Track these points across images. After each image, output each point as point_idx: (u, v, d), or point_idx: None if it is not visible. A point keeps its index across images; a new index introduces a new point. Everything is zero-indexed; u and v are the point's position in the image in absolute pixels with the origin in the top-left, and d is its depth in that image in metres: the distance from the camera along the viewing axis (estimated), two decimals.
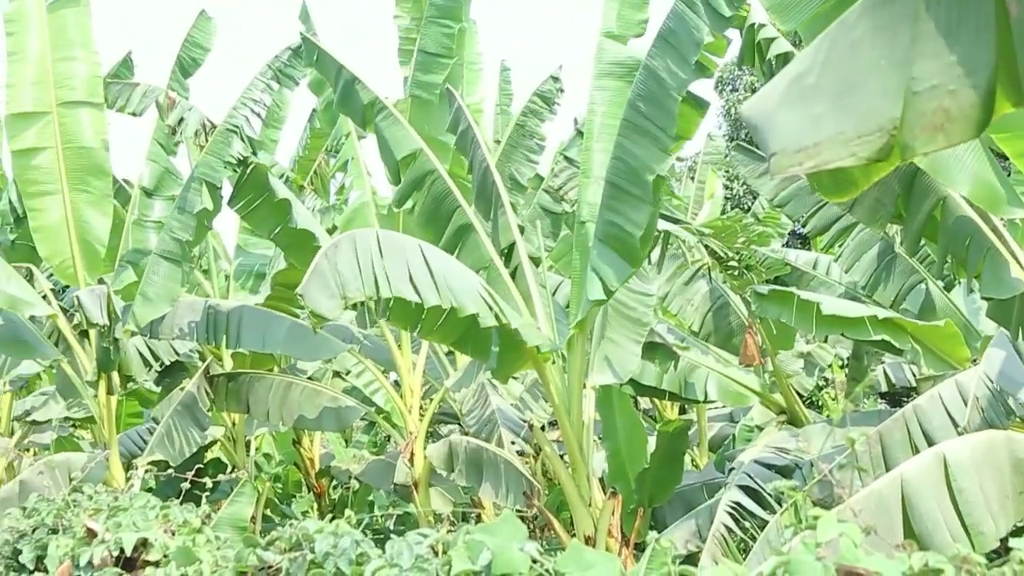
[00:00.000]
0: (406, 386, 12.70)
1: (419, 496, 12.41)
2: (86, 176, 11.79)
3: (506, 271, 9.76)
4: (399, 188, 10.19)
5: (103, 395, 11.76)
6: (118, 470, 11.78)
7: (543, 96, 12.76)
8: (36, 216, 11.77)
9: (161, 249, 11.28)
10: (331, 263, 8.02)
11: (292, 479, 17.65)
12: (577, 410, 9.37)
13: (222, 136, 11.25)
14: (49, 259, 11.92)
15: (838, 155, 3.05)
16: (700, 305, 12.32)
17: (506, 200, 9.96)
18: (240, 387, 12.61)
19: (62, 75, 11.66)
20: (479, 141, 10.19)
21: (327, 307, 7.88)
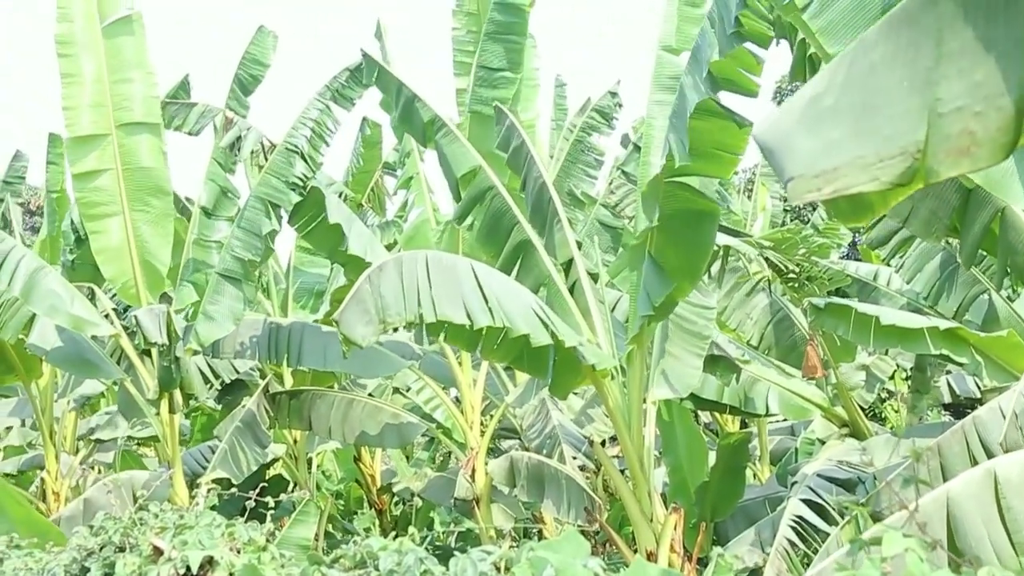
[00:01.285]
0: (467, 402, 12.71)
1: (481, 512, 12.41)
2: (146, 196, 11.87)
3: (565, 287, 9.74)
4: (459, 205, 10.21)
5: (165, 413, 11.84)
6: (182, 488, 11.85)
7: (601, 111, 12.77)
8: (98, 237, 11.86)
9: (223, 268, 11.37)
10: (374, 287, 8.04)
11: (354, 496, 17.71)
12: (637, 425, 9.35)
13: (283, 156, 11.33)
14: (112, 279, 12.02)
15: (858, 180, 2.98)
16: (760, 318, 12.26)
17: (563, 216, 9.95)
18: (302, 404, 12.67)
19: (120, 97, 11.74)
20: (534, 157, 10.18)
21: (361, 333, 7.92)
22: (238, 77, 12.70)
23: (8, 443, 17.62)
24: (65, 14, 11.62)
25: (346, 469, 17.30)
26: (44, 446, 14.37)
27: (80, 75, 11.67)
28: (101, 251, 11.87)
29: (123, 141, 11.74)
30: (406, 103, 10.61)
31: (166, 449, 12.10)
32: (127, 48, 11.71)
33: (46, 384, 14.15)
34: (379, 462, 16.50)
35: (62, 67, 11.64)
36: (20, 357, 13.22)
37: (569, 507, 11.06)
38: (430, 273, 8.22)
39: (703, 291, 10.02)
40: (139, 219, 11.81)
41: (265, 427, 12.61)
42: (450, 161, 10.31)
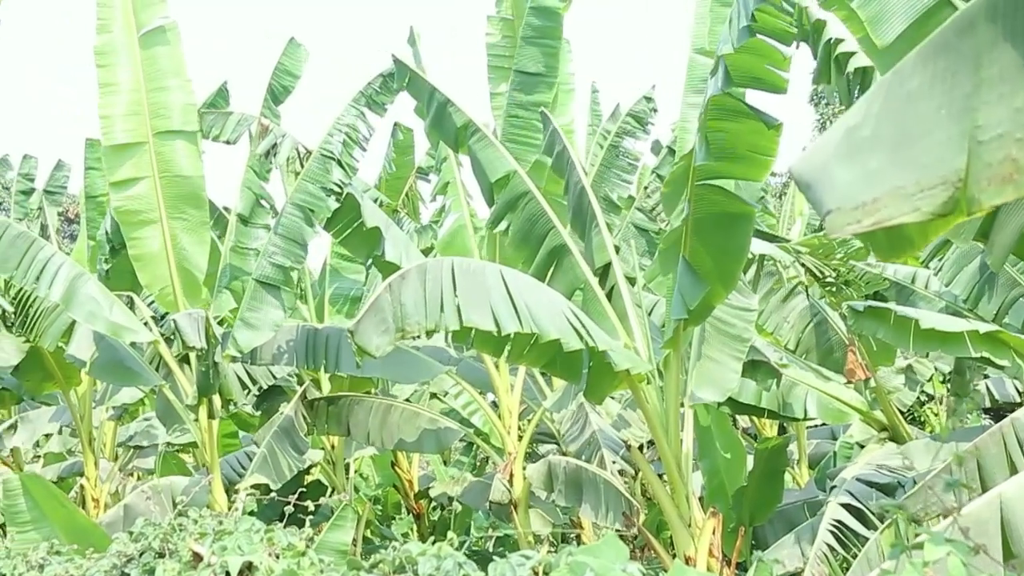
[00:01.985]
0: (504, 407, 12.70)
1: (518, 517, 12.40)
2: (183, 204, 11.92)
3: (602, 291, 9.72)
4: (493, 210, 10.20)
5: (204, 419, 11.88)
6: (220, 494, 11.89)
7: (636, 116, 12.77)
8: (136, 245, 11.92)
9: (261, 275, 11.41)
10: (394, 296, 8.03)
11: (391, 501, 17.73)
12: (675, 430, 9.32)
13: (319, 163, 11.36)
14: (150, 287, 12.07)
15: (899, 211, 2.92)
16: (797, 322, 12.21)
17: (601, 220, 9.93)
18: (340, 410, 12.69)
19: (157, 105, 11.78)
20: (575, 162, 10.18)
21: (376, 343, 7.91)
22: (271, 87, 12.77)
23: (48, 450, 17.74)
24: (104, 25, 11.69)
25: (383, 474, 17.32)
26: (83, 453, 14.46)
27: (117, 84, 11.72)
28: (139, 258, 11.93)
29: (160, 149, 11.79)
30: (438, 108, 10.61)
31: (204, 455, 12.15)
32: (164, 57, 11.76)
33: (85, 391, 14.24)
34: (416, 467, 16.52)
35: (100, 77, 11.70)
36: (59, 365, 13.32)
37: (607, 511, 11.04)
38: (456, 280, 8.20)
39: (744, 293, 9.96)
40: (176, 227, 11.86)
41: (303, 433, 12.63)
42: (484, 166, 10.30)
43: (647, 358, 9.34)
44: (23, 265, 11.35)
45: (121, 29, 11.71)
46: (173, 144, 11.80)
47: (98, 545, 8.62)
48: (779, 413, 11.75)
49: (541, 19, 11.34)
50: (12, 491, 9.77)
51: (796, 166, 3.37)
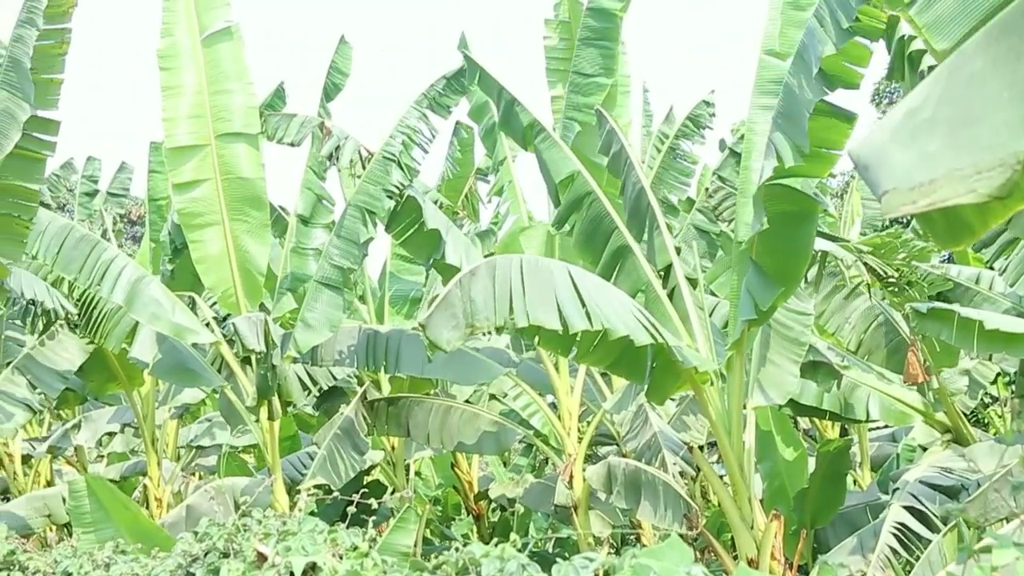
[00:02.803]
0: (564, 408, 12.70)
1: (579, 518, 12.40)
2: (244, 206, 11.98)
3: (664, 292, 9.72)
4: (558, 210, 10.21)
5: (265, 421, 11.95)
6: (282, 494, 11.95)
7: (695, 119, 12.76)
8: (198, 247, 12.00)
9: (321, 276, 11.46)
10: (464, 291, 8.06)
11: (451, 502, 17.77)
12: (737, 431, 9.31)
13: (380, 165, 11.40)
14: (212, 288, 12.15)
15: (955, 192, 2.88)
16: (858, 323, 12.13)
17: (662, 221, 9.93)
18: (400, 411, 12.73)
19: (219, 108, 11.85)
20: (633, 163, 10.18)
21: (447, 338, 7.94)
22: (324, 86, 12.86)
23: (111, 450, 17.90)
24: (168, 29, 11.77)
25: (443, 475, 17.37)
26: (146, 453, 14.59)
27: (180, 87, 11.80)
28: (201, 260, 12.00)
29: (222, 151, 11.86)
30: (507, 106, 10.66)
31: (266, 456, 12.22)
32: (226, 60, 11.82)
33: (148, 392, 14.36)
34: (476, 468, 16.54)
35: (163, 80, 11.78)
36: (123, 366, 13.44)
37: (666, 513, 11.02)
38: (524, 277, 8.21)
39: (800, 296, 9.94)
40: (238, 228, 11.93)
41: (363, 434, 12.69)
42: (548, 166, 10.32)
43: (710, 359, 9.33)
44: (87, 267, 11.48)
45: (184, 32, 11.79)
46: (235, 146, 11.87)
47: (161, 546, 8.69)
48: (841, 415, 11.70)
49: (598, 21, 11.36)
50: (78, 492, 9.86)
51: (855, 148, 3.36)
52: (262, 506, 8.87)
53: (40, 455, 16.21)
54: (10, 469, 15.86)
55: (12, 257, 11.50)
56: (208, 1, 11.81)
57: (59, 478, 17.74)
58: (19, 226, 11.18)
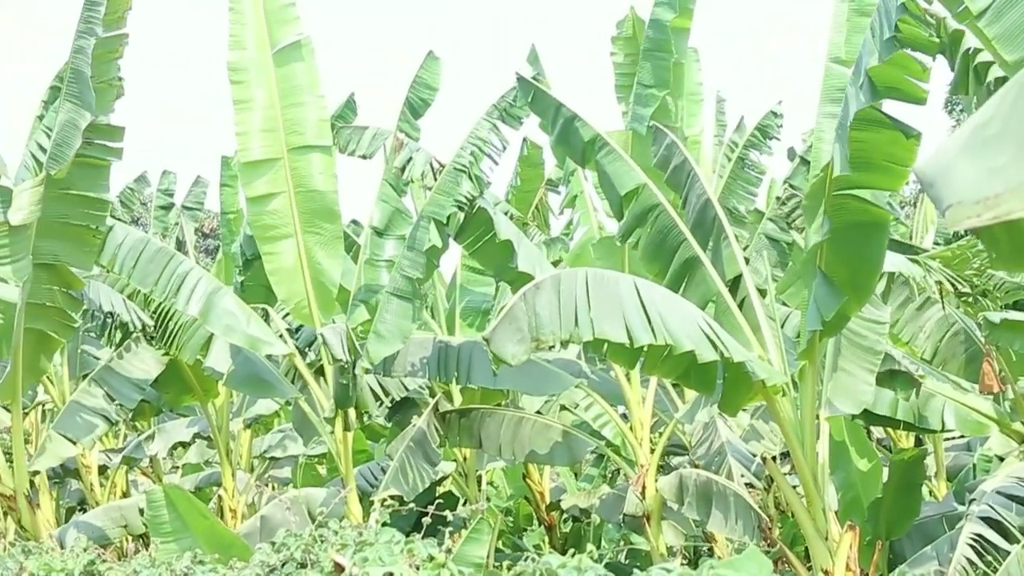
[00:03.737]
0: (635, 419, 12.68)
1: (651, 529, 12.38)
2: (317, 219, 12.06)
3: (734, 303, 9.70)
4: (623, 223, 10.22)
5: (340, 431, 12.03)
6: (355, 505, 12.02)
7: (763, 129, 12.74)
8: (272, 259, 12.09)
9: (393, 287, 11.52)
10: (529, 305, 8.09)
11: (523, 512, 17.77)
12: (811, 442, 9.29)
13: (451, 176, 11.45)
14: (285, 300, 12.23)
15: (1021, 206, 2.87)
16: (933, 332, 12.04)
17: (730, 232, 9.92)
18: (472, 422, 12.74)
19: (291, 121, 11.92)
20: (697, 174, 10.17)
21: (512, 352, 7.97)
22: (408, 100, 12.90)
23: (186, 460, 18.07)
24: (237, 42, 11.84)
25: (515, 486, 17.37)
26: (221, 464, 14.71)
27: (252, 101, 11.88)
28: (274, 272, 12.09)
29: (294, 164, 11.94)
30: (564, 124, 10.64)
31: (340, 466, 12.29)
32: (298, 73, 11.90)
33: (222, 403, 14.49)
34: (548, 479, 16.54)
35: (234, 94, 11.86)
36: (197, 377, 13.57)
37: (737, 524, 10.97)
38: (589, 290, 8.23)
39: (875, 305, 9.87)
40: (311, 241, 12.01)
41: (435, 445, 12.71)
42: (612, 180, 10.32)
43: (781, 370, 9.30)
44: (162, 280, 11.61)
45: (255, 46, 11.87)
46: (307, 159, 11.94)
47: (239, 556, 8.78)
48: (915, 425, 11.62)
49: (656, 33, 11.43)
50: (156, 502, 9.96)
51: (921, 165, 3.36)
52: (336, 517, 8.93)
53: (116, 466, 16.38)
54: (87, 480, 16.03)
55: (85, 267, 11.68)
56: (279, 15, 11.88)
57: (135, 489, 17.92)
58: (90, 235, 11.35)
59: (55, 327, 11.74)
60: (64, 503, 17.75)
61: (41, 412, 17.14)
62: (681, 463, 13.55)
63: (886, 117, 7.73)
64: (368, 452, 16.52)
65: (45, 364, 12.37)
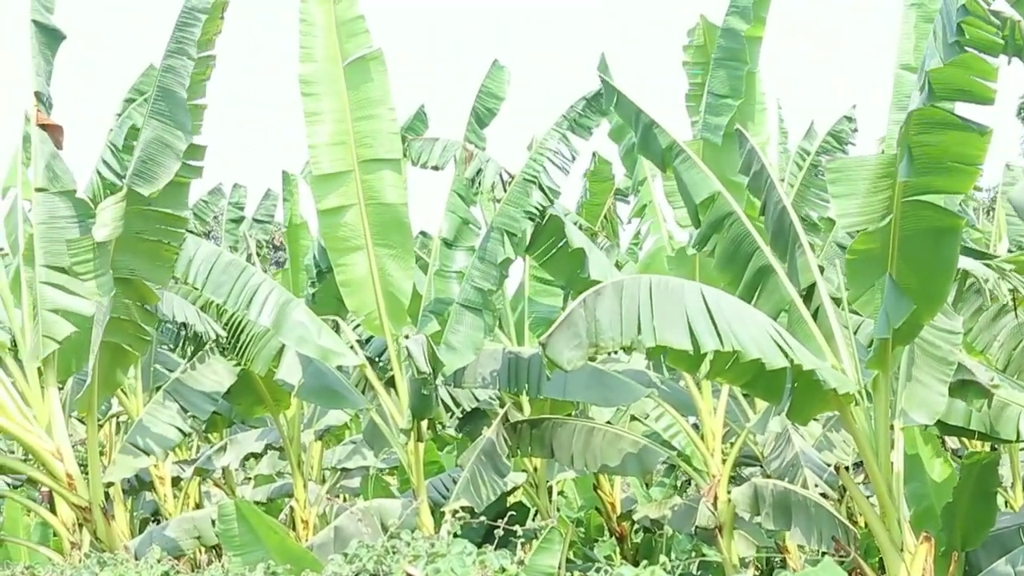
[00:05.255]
0: (707, 429, 12.63)
1: (723, 540, 12.33)
2: (388, 231, 12.09)
3: (807, 312, 9.64)
4: (698, 231, 10.21)
5: (411, 443, 12.06)
6: (426, 516, 12.04)
7: (836, 135, 12.68)
8: (343, 271, 12.15)
9: (463, 299, 11.55)
10: (589, 311, 8.08)
11: (594, 523, 17.73)
12: (885, 452, 9.22)
13: (520, 187, 11.48)
14: (357, 311, 12.28)
15: None
16: (1007, 341, 11.92)
17: (804, 240, 9.87)
18: (543, 432, 12.73)
19: (362, 134, 11.95)
20: (774, 181, 10.14)
21: (568, 357, 7.96)
22: (475, 110, 12.95)
23: (258, 472, 18.19)
24: (308, 54, 11.90)
25: (586, 496, 17.34)
26: (293, 475, 14.79)
27: (323, 114, 11.94)
28: (346, 284, 12.15)
29: (365, 177, 11.98)
30: (645, 129, 10.66)
31: (411, 478, 12.31)
32: (369, 86, 11.93)
33: (293, 415, 14.57)
34: (619, 490, 16.49)
35: (305, 106, 11.92)
36: (269, 389, 13.64)
37: (820, 535, 10.89)
38: (653, 296, 8.22)
39: (948, 314, 9.77)
40: (382, 253, 12.05)
41: (505, 456, 12.72)
42: (688, 187, 10.32)
43: (855, 379, 9.24)
44: (234, 292, 11.70)
45: (326, 58, 11.91)
46: (378, 172, 11.98)
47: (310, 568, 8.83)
48: (989, 435, 11.48)
49: (728, 41, 11.40)
50: (227, 516, 10.02)
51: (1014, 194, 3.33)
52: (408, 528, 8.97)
53: (189, 478, 16.50)
54: (160, 492, 16.16)
55: (161, 282, 11.80)
56: (349, 27, 11.93)
57: (207, 500, 18.07)
58: (167, 252, 11.47)
59: (130, 340, 11.85)
60: (138, 514, 17.88)
61: (115, 424, 17.34)
62: (753, 473, 13.49)
63: (954, 117, 7.66)
64: (439, 463, 16.54)
65: (120, 377, 12.48)
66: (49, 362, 11.56)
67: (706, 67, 11.88)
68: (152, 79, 11.28)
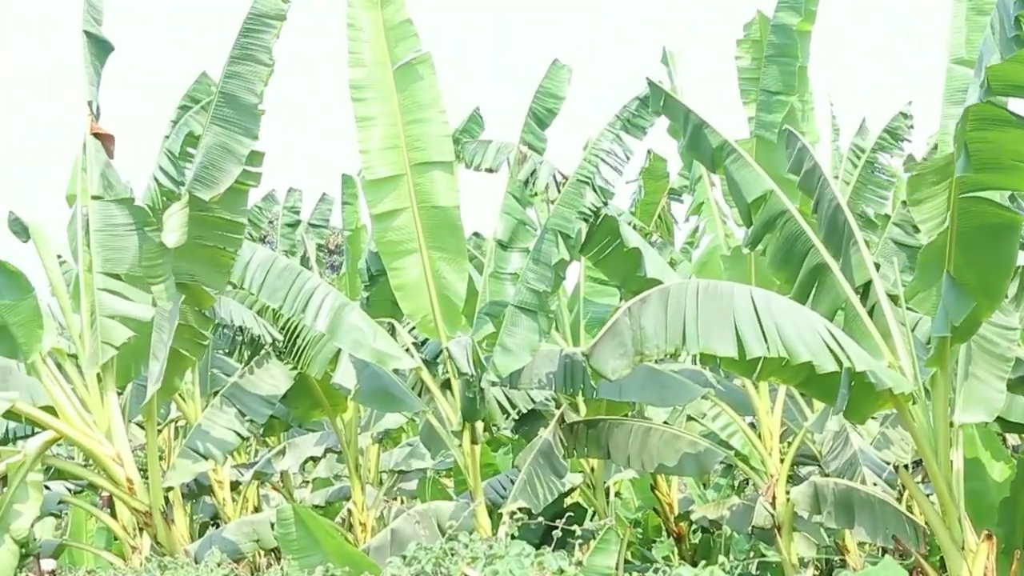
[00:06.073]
0: (764, 428, 12.59)
1: (782, 540, 12.27)
2: (441, 233, 12.13)
3: (863, 310, 9.59)
4: (751, 231, 10.17)
5: (467, 444, 12.08)
6: (484, 518, 12.06)
7: (892, 132, 12.58)
8: (397, 274, 12.19)
9: (519, 300, 11.55)
10: (633, 319, 8.09)
11: (651, 524, 17.69)
12: (944, 450, 9.16)
13: (574, 188, 11.48)
14: (412, 315, 12.33)
15: None
16: None
17: (859, 237, 9.80)
18: (600, 433, 12.71)
19: (413, 137, 11.98)
20: (827, 179, 10.08)
21: (613, 367, 7.98)
22: (533, 111, 12.94)
23: (316, 475, 18.27)
24: (357, 59, 11.93)
25: (643, 497, 17.29)
26: (350, 478, 14.84)
27: (374, 118, 11.97)
28: (400, 287, 12.20)
29: (418, 180, 12.02)
30: (694, 130, 10.63)
31: (468, 479, 12.34)
32: (420, 90, 11.96)
33: (350, 418, 14.60)
34: (676, 490, 16.45)
35: (356, 111, 11.95)
36: (326, 392, 13.70)
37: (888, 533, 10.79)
38: (699, 302, 8.21)
39: (1005, 312, 9.68)
40: (436, 256, 12.09)
41: (561, 456, 12.70)
42: (740, 186, 10.29)
43: (912, 377, 9.18)
44: (290, 296, 11.77)
45: (375, 63, 11.95)
46: (430, 175, 12.01)
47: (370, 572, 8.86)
48: None
49: (780, 37, 11.38)
50: (285, 521, 10.08)
51: None
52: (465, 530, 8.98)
53: (247, 481, 16.59)
54: (219, 495, 16.26)
55: (217, 287, 11.86)
56: (398, 31, 11.96)
57: (266, 503, 18.15)
58: (225, 257, 11.54)
59: (187, 345, 11.92)
60: (197, 518, 18.02)
61: (174, 429, 17.46)
62: (810, 472, 13.41)
63: (1011, 115, 7.59)
64: (495, 465, 16.54)
65: (178, 382, 12.56)
66: (108, 368, 11.64)
67: (759, 62, 11.87)
68: (206, 86, 11.33)
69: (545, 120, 12.96)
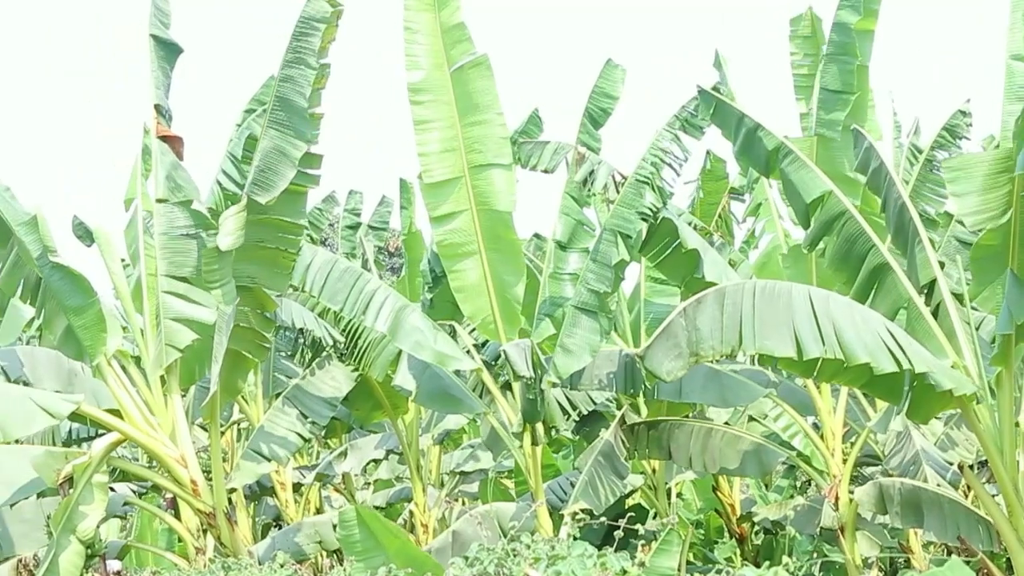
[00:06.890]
0: (827, 428, 12.51)
1: (846, 541, 12.18)
2: (500, 235, 12.15)
3: (927, 309, 9.51)
4: (810, 231, 10.12)
5: (528, 446, 12.08)
6: (545, 519, 12.06)
7: (951, 130, 12.47)
8: (457, 276, 12.21)
9: (578, 301, 11.55)
10: (688, 320, 8.07)
11: (713, 525, 17.63)
12: (1010, 450, 9.08)
13: (633, 188, 11.46)
14: (472, 316, 12.34)
15: None
16: None
17: (924, 236, 9.74)
18: (661, 434, 12.68)
19: (471, 140, 11.99)
20: (893, 178, 10.02)
21: (668, 368, 7.96)
22: (588, 111, 12.94)
23: (377, 477, 18.33)
24: (415, 62, 11.96)
25: (705, 498, 17.23)
26: (411, 479, 14.89)
27: (432, 121, 12.01)
28: (460, 289, 12.22)
29: (476, 182, 12.04)
30: (747, 134, 10.59)
31: (529, 481, 12.35)
32: (477, 92, 11.98)
33: (412, 420, 14.66)
34: (738, 491, 16.39)
35: (415, 114, 11.99)
36: (387, 394, 13.75)
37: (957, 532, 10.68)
38: (756, 303, 8.18)
39: None
40: (494, 257, 12.10)
41: (623, 457, 12.68)
42: (798, 187, 10.25)
43: (977, 376, 9.10)
44: (351, 298, 11.82)
45: (432, 66, 11.97)
46: (488, 177, 12.03)
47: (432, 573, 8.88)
48: None
49: (840, 35, 11.30)
50: (348, 522, 10.11)
51: None
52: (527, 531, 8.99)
53: (309, 483, 16.68)
54: (282, 497, 16.34)
55: (278, 289, 11.94)
56: (453, 35, 11.98)
57: (328, 505, 18.25)
58: (285, 260, 11.61)
59: (250, 348, 11.99)
60: (260, 520, 18.14)
61: (237, 431, 17.57)
62: (873, 473, 13.33)
63: None
64: (556, 467, 16.54)
65: (240, 384, 12.63)
66: (172, 370, 11.72)
67: (814, 58, 11.81)
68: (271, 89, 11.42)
69: (600, 120, 12.96)
